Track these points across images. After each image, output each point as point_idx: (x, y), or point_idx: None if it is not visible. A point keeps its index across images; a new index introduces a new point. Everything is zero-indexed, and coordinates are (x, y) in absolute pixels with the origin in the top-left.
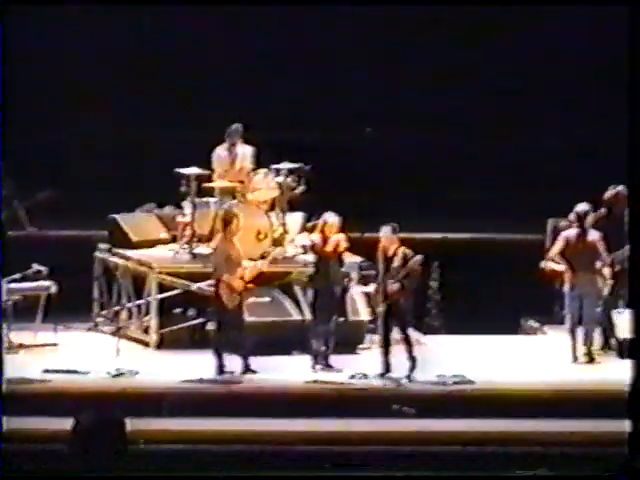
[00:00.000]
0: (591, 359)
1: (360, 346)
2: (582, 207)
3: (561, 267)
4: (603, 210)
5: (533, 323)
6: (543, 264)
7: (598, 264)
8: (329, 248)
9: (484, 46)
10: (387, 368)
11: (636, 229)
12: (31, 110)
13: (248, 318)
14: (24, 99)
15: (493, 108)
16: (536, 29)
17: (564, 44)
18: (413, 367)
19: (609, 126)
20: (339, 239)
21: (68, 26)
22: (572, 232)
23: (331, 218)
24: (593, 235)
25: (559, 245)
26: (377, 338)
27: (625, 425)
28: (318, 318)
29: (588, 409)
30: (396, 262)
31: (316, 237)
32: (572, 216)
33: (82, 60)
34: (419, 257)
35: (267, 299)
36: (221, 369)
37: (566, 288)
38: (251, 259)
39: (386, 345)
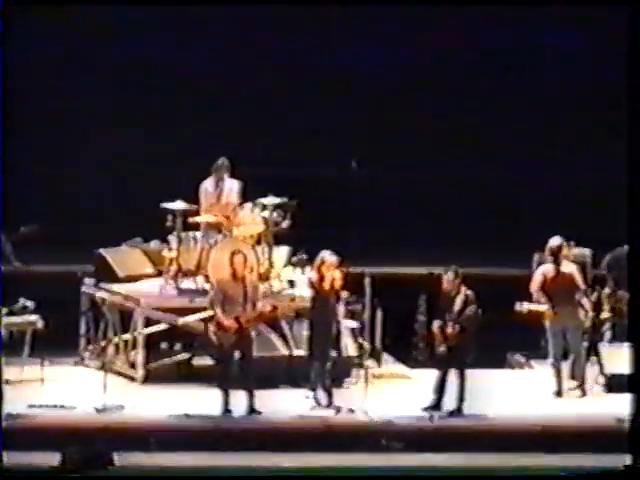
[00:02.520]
0: (583, 393)
1: (347, 380)
2: (555, 241)
3: (537, 306)
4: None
5: (519, 357)
6: (518, 306)
7: (577, 296)
8: (326, 285)
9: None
10: (437, 404)
11: (636, 231)
12: (16, 144)
13: None
14: (11, 131)
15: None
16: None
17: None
18: (461, 404)
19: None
20: (335, 277)
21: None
22: (548, 267)
23: (328, 256)
24: (569, 267)
25: (538, 281)
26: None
27: (613, 459)
28: (315, 354)
29: (576, 443)
30: (458, 304)
31: (313, 275)
32: (546, 252)
33: (70, 95)
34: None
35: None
36: (226, 407)
37: (547, 323)
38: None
39: (442, 383)
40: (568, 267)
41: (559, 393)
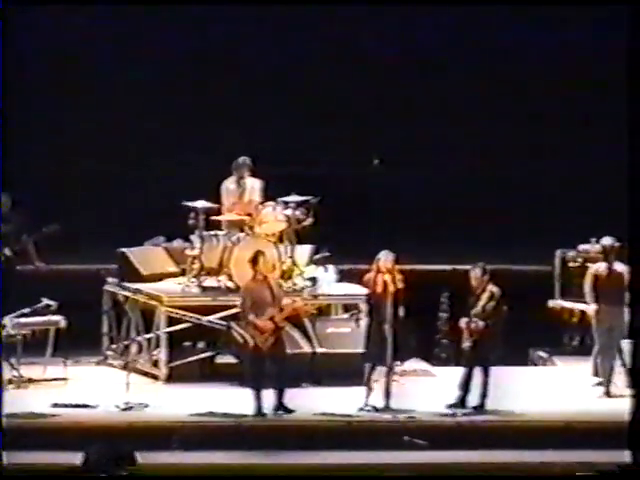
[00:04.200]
0: (608, 393)
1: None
2: (607, 240)
3: (573, 305)
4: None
5: (542, 354)
6: (552, 303)
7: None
8: (378, 288)
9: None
10: (462, 402)
11: (636, 229)
12: (37, 142)
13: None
14: (28, 131)
15: (502, 136)
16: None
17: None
18: (484, 400)
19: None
20: (387, 280)
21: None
22: (600, 266)
23: (383, 256)
24: (620, 267)
25: (590, 280)
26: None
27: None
28: (366, 356)
29: (599, 440)
30: (483, 300)
31: (369, 276)
32: (596, 247)
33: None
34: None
35: None
36: (260, 409)
37: (593, 323)
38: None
39: (467, 380)
40: (620, 266)
41: (608, 393)
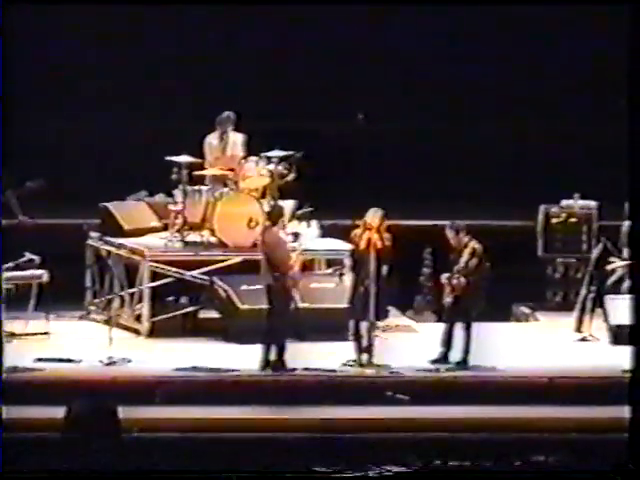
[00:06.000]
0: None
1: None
2: None
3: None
4: None
5: (525, 309)
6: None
7: None
8: (362, 244)
9: (482, 40)
10: (445, 358)
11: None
12: (21, 100)
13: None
14: (15, 89)
15: (488, 97)
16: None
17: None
18: (466, 355)
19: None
20: (373, 237)
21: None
22: None
23: (370, 214)
24: None
25: None
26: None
27: (620, 410)
28: (349, 311)
29: (582, 396)
30: (465, 257)
31: (355, 232)
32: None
33: (70, 51)
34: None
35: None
36: (268, 361)
37: None
38: (243, 246)
39: (449, 335)
40: None
41: None
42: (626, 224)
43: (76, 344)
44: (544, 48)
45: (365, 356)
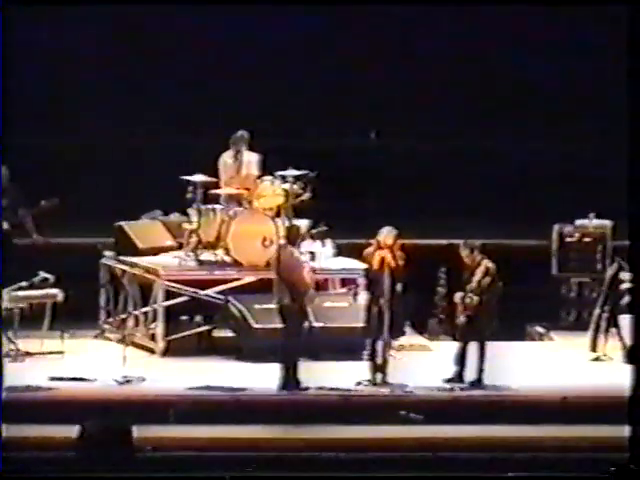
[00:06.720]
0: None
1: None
2: None
3: None
4: None
5: (540, 329)
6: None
7: None
8: (376, 263)
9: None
10: (460, 377)
11: (636, 228)
12: (34, 117)
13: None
14: (26, 107)
15: (499, 112)
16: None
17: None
18: (481, 375)
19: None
20: (385, 256)
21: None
22: None
23: (384, 232)
24: None
25: None
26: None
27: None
28: (365, 331)
29: (595, 415)
30: (478, 276)
31: (368, 250)
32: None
33: (83, 66)
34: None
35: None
36: (289, 381)
37: None
38: (257, 265)
39: (462, 354)
40: None
41: None
42: None
43: (90, 363)
44: (562, 67)
45: (379, 375)
